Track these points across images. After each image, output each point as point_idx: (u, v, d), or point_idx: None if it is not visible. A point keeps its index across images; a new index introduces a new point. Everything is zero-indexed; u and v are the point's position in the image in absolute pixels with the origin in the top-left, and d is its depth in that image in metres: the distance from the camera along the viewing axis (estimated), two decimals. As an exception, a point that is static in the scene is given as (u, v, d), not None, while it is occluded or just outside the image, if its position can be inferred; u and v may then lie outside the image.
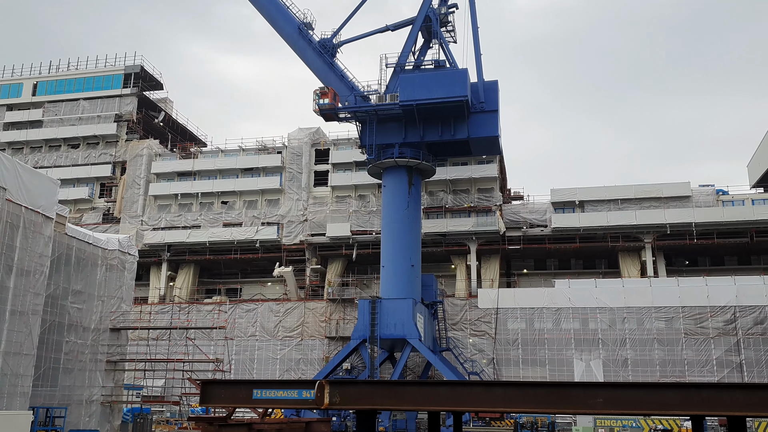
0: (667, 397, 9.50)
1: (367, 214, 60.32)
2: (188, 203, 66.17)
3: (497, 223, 56.78)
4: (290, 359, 56.80)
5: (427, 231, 56.71)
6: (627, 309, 50.80)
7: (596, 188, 58.33)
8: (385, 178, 52.07)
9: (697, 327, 49.40)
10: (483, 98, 50.05)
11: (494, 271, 58.63)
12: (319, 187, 63.71)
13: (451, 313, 54.63)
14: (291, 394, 11.12)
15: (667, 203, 55.80)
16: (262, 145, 66.41)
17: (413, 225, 50.90)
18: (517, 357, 52.10)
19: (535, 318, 52.51)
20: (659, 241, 55.55)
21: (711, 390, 9.51)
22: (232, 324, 58.10)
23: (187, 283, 64.48)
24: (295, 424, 20.58)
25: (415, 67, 52.09)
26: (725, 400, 9.34)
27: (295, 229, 61.76)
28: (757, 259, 58.41)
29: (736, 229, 53.88)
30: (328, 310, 57.52)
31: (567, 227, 56.51)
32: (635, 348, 49.98)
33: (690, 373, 48.39)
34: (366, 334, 47.78)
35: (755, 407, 9.26)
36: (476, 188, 59.66)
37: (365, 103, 50.94)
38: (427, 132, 50.47)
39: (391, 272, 49.50)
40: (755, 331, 48.36)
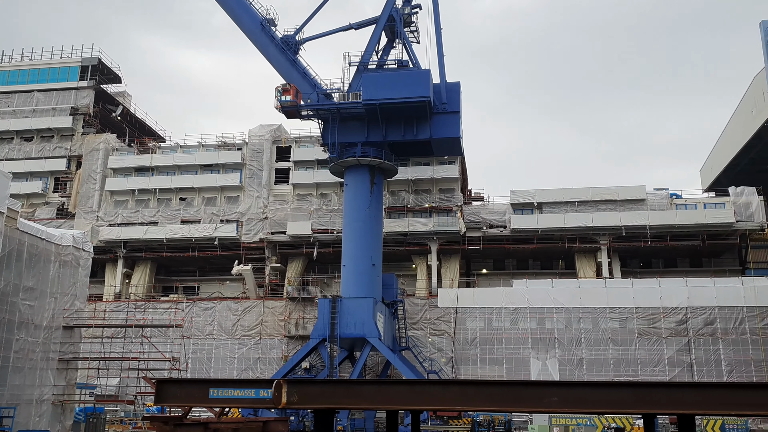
0: (619, 396, 9.69)
1: (329, 213, 60.13)
2: (145, 199, 65.00)
3: (458, 224, 57.23)
4: (248, 358, 56.28)
5: (388, 230, 56.82)
6: (582, 309, 51.74)
7: (554, 190, 59.24)
8: (347, 177, 52.00)
9: (650, 327, 50.60)
10: (445, 99, 50.38)
11: (454, 270, 59.08)
12: (280, 185, 63.24)
13: (412, 313, 54.87)
14: (248, 393, 11.00)
15: (622, 206, 56.99)
16: (222, 142, 65.62)
17: (375, 224, 50.96)
18: (475, 356, 52.60)
19: (493, 317, 53.08)
20: (614, 243, 56.71)
21: (662, 389, 9.72)
22: (189, 322, 57.28)
23: (144, 280, 63.34)
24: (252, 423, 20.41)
25: (378, 66, 52.14)
26: (676, 398, 9.56)
27: (255, 226, 61.19)
28: (708, 262, 60.09)
29: (689, 232, 55.34)
30: (287, 309, 57.17)
31: (525, 228, 57.28)
32: (590, 347, 50.94)
33: (643, 372, 49.53)
34: (326, 333, 47.66)
35: (704, 406, 9.51)
36: (438, 188, 60.02)
37: (328, 101, 50.76)
38: (389, 131, 50.58)
39: (352, 271, 49.47)
40: (705, 332, 49.75)
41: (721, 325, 49.59)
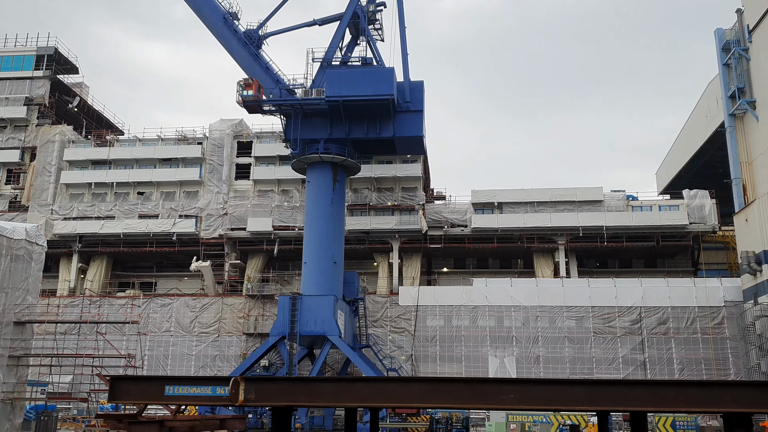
0: (574, 393, 9.87)
1: (290, 210, 59.76)
2: (102, 193, 63.65)
3: (420, 222, 57.49)
4: (206, 356, 55.63)
5: (350, 228, 56.77)
6: (540, 308, 52.53)
7: (514, 191, 59.96)
8: (309, 174, 51.77)
9: (606, 326, 51.65)
10: (409, 98, 50.54)
11: (416, 269, 59.36)
12: (241, 181, 62.60)
13: (372, 310, 54.95)
14: (205, 390, 10.90)
15: (580, 207, 57.98)
16: (182, 136, 64.63)
17: (337, 222, 50.86)
18: (434, 353, 52.96)
19: (453, 315, 53.52)
20: (572, 243, 57.70)
21: (615, 386, 9.95)
22: (146, 319, 56.43)
23: (99, 275, 62.04)
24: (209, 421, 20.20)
25: (342, 63, 52.03)
26: (628, 396, 9.79)
27: (215, 222, 60.47)
28: (662, 263, 61.59)
29: (644, 233, 56.62)
30: (246, 306, 56.67)
31: (486, 228, 57.85)
32: (547, 345, 51.75)
33: (598, 370, 50.53)
34: (285, 331, 47.41)
35: (656, 403, 9.75)
36: (400, 187, 60.19)
37: (290, 97, 50.46)
38: (352, 129, 50.51)
39: (313, 269, 49.30)
40: (658, 331, 50.99)
41: (674, 324, 50.90)
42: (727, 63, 51.47)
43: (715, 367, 49.53)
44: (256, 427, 45.75)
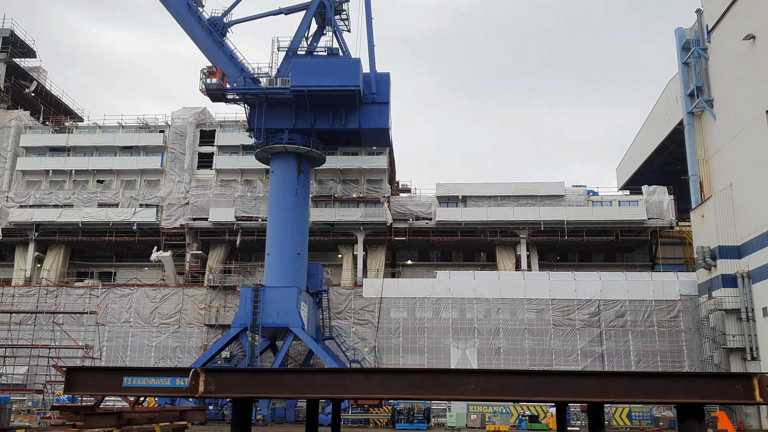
0: (533, 384, 10.01)
1: (254, 200, 59.24)
2: (60, 180, 62.18)
3: (385, 215, 57.57)
4: (166, 347, 54.94)
5: (315, 220, 56.57)
6: (502, 300, 53.17)
7: (478, 184, 60.45)
8: (273, 164, 51.37)
9: (565, 318, 52.54)
10: (375, 90, 50.44)
11: (380, 261, 59.48)
12: (203, 170, 61.78)
13: (336, 302, 54.91)
14: (164, 382, 10.76)
15: (542, 201, 58.75)
16: (144, 123, 63.46)
17: (301, 213, 50.59)
18: (398, 345, 53.22)
19: (416, 307, 53.83)
20: (534, 237, 58.47)
21: (573, 378, 10.11)
22: (105, 309, 55.51)
23: (57, 265, 60.67)
24: (168, 412, 20.01)
25: (307, 52, 51.65)
26: (586, 387, 9.97)
27: (176, 212, 59.60)
28: (620, 257, 62.86)
29: (604, 228, 57.66)
30: (208, 298, 56.10)
31: (450, 221, 58.23)
32: (508, 337, 52.44)
33: (557, 361, 51.41)
34: (247, 323, 47.10)
35: (612, 394, 9.96)
36: (366, 179, 60.16)
37: (255, 86, 49.93)
38: (318, 119, 50.24)
39: (276, 260, 49.01)
40: (616, 324, 52.07)
41: (631, 317, 52.03)
42: (687, 62, 52.58)
43: (670, 359, 50.82)
44: (217, 418, 45.44)
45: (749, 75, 45.24)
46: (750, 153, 45.13)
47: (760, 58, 44.06)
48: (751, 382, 9.37)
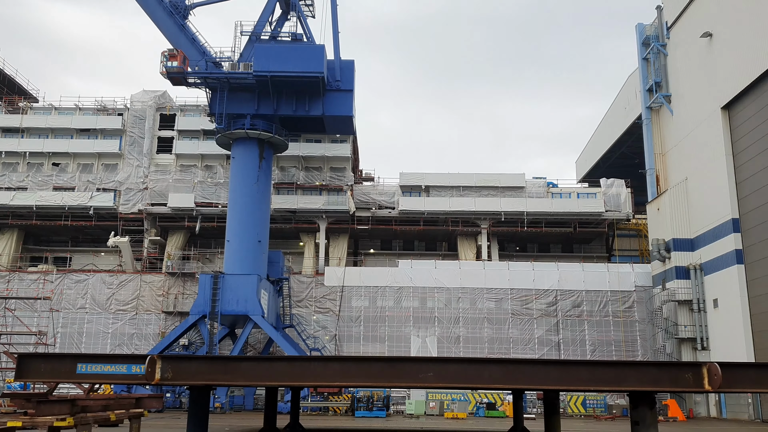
0: (491, 372, 10.14)
1: (214, 186, 58.50)
2: (14, 162, 60.37)
3: (348, 203, 57.46)
4: (123, 334, 54.06)
5: (276, 207, 56.16)
6: (462, 289, 53.70)
7: (441, 174, 60.77)
8: (234, 150, 50.76)
9: (523, 308, 53.34)
10: (339, 77, 50.16)
11: (342, 249, 59.41)
12: (163, 155, 60.70)
13: (297, 290, 54.70)
14: (119, 368, 10.55)
15: (503, 192, 59.37)
16: (102, 106, 61.95)
17: (262, 200, 50.14)
18: (358, 333, 53.36)
19: (378, 296, 54.01)
20: (494, 227, 59.11)
21: (530, 366, 10.26)
22: (59, 295, 54.31)
23: (9, 249, 59.03)
24: (124, 400, 19.68)
25: (271, 37, 51.04)
26: (542, 375, 10.12)
27: (134, 197, 58.48)
28: (578, 248, 64.01)
29: (563, 219, 58.60)
30: (166, 284, 55.31)
31: (413, 210, 58.44)
32: (467, 326, 53.03)
33: (514, 350, 52.21)
34: (206, 310, 46.63)
35: (567, 382, 10.13)
36: (329, 167, 59.90)
37: (217, 70, 49.15)
38: (281, 105, 49.77)
39: (237, 247, 48.55)
40: (572, 313, 53.09)
41: (587, 307, 53.09)
42: (647, 57, 53.59)
43: (624, 348, 52.05)
44: (174, 406, 44.98)
45: (706, 72, 46.34)
46: (705, 148, 46.31)
47: (717, 55, 45.15)
48: (700, 371, 9.64)
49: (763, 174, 40.42)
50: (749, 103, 42.08)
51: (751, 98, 41.80)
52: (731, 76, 43.19)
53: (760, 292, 40.72)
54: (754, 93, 41.46)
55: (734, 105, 43.65)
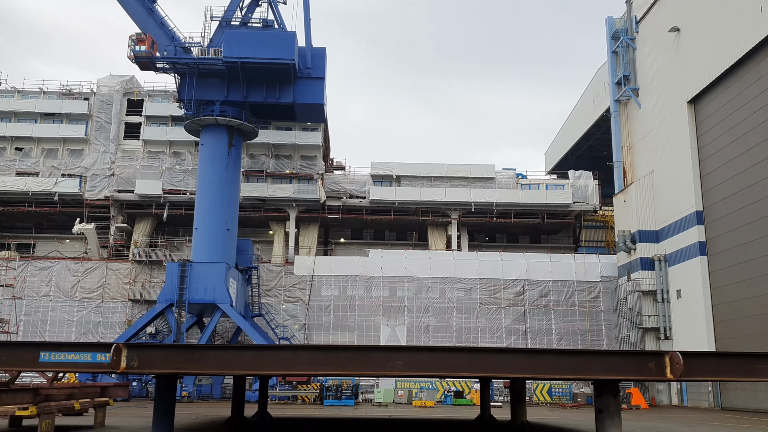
0: (458, 361, 10.20)
1: (182, 173, 57.76)
2: (-26, 146, 58.85)
3: (318, 192, 57.23)
4: (88, 322, 53.24)
5: (246, 195, 55.71)
6: (432, 279, 53.99)
7: (412, 164, 60.86)
8: (203, 136, 50.15)
9: (491, 297, 53.86)
10: (310, 64, 49.82)
11: (312, 238, 59.20)
12: (130, 140, 59.70)
13: (266, 279, 54.42)
14: (84, 357, 10.38)
15: (473, 183, 59.72)
16: (67, 90, 60.62)
17: (231, 187, 49.67)
18: (328, 323, 53.33)
19: (348, 285, 54.01)
20: (464, 218, 59.47)
21: (497, 354, 10.37)
22: (23, 282, 53.24)
23: (-31, 235, 57.64)
24: (88, 389, 19.42)
25: (242, 23, 50.40)
26: (508, 363, 10.23)
27: (100, 183, 57.47)
28: (546, 239, 64.77)
29: (531, 210, 59.19)
30: (133, 272, 54.58)
31: (384, 200, 58.46)
32: (437, 315, 53.38)
33: (483, 339, 52.72)
34: (173, 298, 46.15)
35: (533, 370, 10.26)
36: (299, 155, 59.54)
37: (186, 55, 48.43)
38: (251, 92, 49.28)
39: (205, 235, 48.07)
40: (539, 303, 53.77)
41: (554, 297, 53.82)
42: (616, 51, 54.18)
43: (589, 337, 52.92)
44: (141, 395, 44.53)
45: (673, 66, 47.06)
46: (671, 142, 47.10)
47: (684, 50, 45.87)
48: (663, 360, 9.83)
49: (726, 167, 41.29)
50: (714, 98, 42.88)
51: (717, 93, 42.60)
52: (697, 70, 43.93)
53: (721, 283, 41.70)
54: (720, 88, 42.25)
55: (700, 99, 44.44)
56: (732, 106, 40.88)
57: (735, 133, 40.43)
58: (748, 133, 39.13)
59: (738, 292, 39.83)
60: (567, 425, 20.94)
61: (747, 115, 39.27)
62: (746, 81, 39.57)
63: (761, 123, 37.95)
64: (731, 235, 40.65)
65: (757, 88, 38.45)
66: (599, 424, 10.91)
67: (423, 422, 22.49)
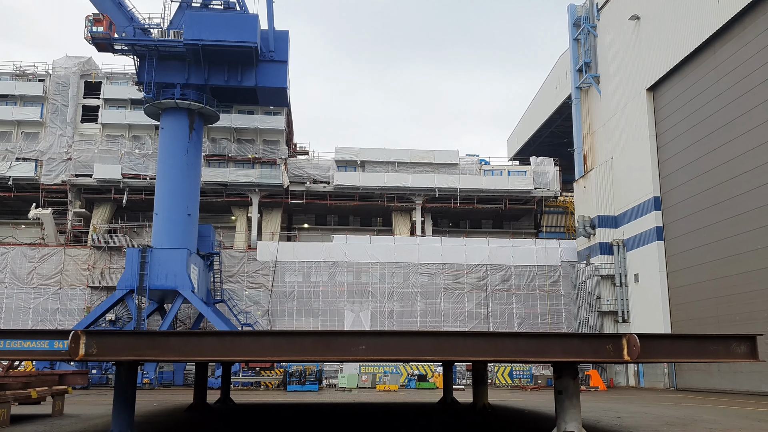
0: (421, 345, 10.28)
1: (142, 157, 56.71)
2: None
3: (281, 177, 56.83)
4: (46, 309, 52.14)
5: (207, 180, 55.00)
6: (396, 264, 54.24)
7: (377, 150, 60.82)
8: (163, 120, 49.27)
9: (455, 282, 54.37)
10: (273, 47, 49.24)
11: (276, 224, 58.82)
12: (88, 124, 58.27)
13: (229, 265, 53.94)
14: (41, 344, 10.17)
15: (437, 169, 60.01)
16: (21, 71, 58.77)
17: (192, 172, 48.98)
18: (292, 309, 53.18)
19: (312, 271, 53.89)
20: (428, 204, 59.76)
21: (459, 338, 10.47)
22: (-25, 269, 51.76)
23: None
24: (46, 377, 19.04)
25: (203, 5, 49.48)
26: (470, 347, 10.34)
27: (57, 167, 56.08)
28: (508, 224, 65.51)
29: (494, 196, 59.77)
30: (91, 258, 53.54)
31: (348, 185, 58.33)
32: (401, 300, 53.69)
33: (446, 323, 53.26)
34: (134, 285, 45.49)
35: (494, 353, 10.40)
36: (262, 139, 58.93)
37: (145, 37, 47.39)
38: (212, 75, 48.55)
39: (165, 220, 47.38)
40: (501, 287, 54.49)
41: (516, 281, 54.59)
42: (577, 38, 54.78)
43: (549, 321, 53.89)
44: (101, 383, 43.90)
45: (633, 54, 47.82)
46: (630, 129, 47.97)
47: (643, 38, 46.62)
48: (620, 342, 10.06)
49: (683, 154, 42.25)
50: (672, 86, 43.75)
51: (675, 81, 43.47)
52: (656, 58, 44.73)
53: (677, 267, 42.80)
54: (678, 76, 43.11)
55: (658, 87, 45.29)
56: (689, 94, 41.79)
57: (692, 121, 41.36)
58: (704, 120, 40.08)
59: (693, 276, 40.96)
60: (527, 407, 21.34)
61: (703, 102, 40.19)
62: (703, 69, 40.46)
63: (717, 111, 38.89)
64: (687, 221, 41.71)
65: (714, 77, 39.36)
66: (559, 406, 11.13)
67: (386, 406, 22.66)
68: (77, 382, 22.33)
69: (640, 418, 17.68)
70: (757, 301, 34.85)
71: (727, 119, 37.92)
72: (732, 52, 37.84)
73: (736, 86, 37.24)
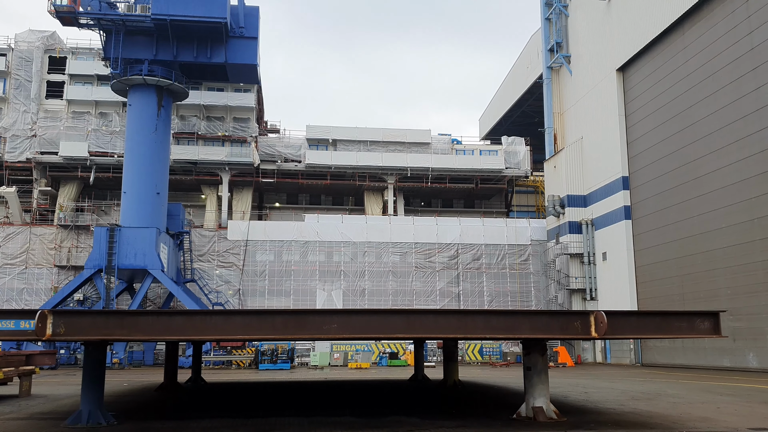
0: (393, 323, 10.36)
1: (109, 135, 55.66)
2: None
3: (252, 155, 56.29)
4: (11, 289, 51.22)
5: (176, 158, 54.24)
6: (368, 243, 54.30)
7: (348, 128, 60.53)
8: (131, 97, 48.32)
9: (426, 261, 54.68)
10: (243, 23, 48.46)
11: (246, 203, 58.37)
12: (53, 100, 56.92)
13: (199, 245, 53.47)
14: (6, 324, 10.02)
15: (409, 148, 60.01)
16: (-19, 45, 57.10)
17: (161, 150, 48.24)
18: (263, 288, 53.01)
19: (284, 250, 53.70)
20: (400, 183, 59.80)
21: (430, 316, 10.57)
22: (-63, 249, 50.55)
23: None
24: (13, 357, 18.80)
25: (171, -21, 48.36)
26: (441, 324, 10.45)
27: (21, 144, 54.77)
28: (479, 204, 65.96)
29: (465, 175, 60.03)
30: (58, 237, 52.62)
31: (320, 164, 58.05)
32: (373, 279, 53.86)
33: (417, 302, 53.62)
34: (102, 264, 44.88)
35: (464, 330, 10.52)
36: (232, 117, 58.20)
37: (112, 11, 46.22)
38: (181, 51, 47.64)
39: (134, 199, 46.69)
40: (472, 266, 54.95)
41: (486, 260, 55.08)
42: (549, 17, 54.90)
43: (519, 299, 54.58)
44: (69, 363, 43.41)
45: (603, 34, 48.12)
46: (599, 109, 48.41)
47: (614, 19, 46.91)
48: (588, 319, 10.24)
49: (651, 134, 42.83)
50: (641, 66, 44.18)
51: (644, 62, 43.89)
52: (626, 39, 45.08)
53: (644, 245, 43.59)
54: (647, 57, 43.53)
55: (628, 68, 45.71)
56: (658, 75, 42.26)
57: (660, 101, 41.89)
58: (672, 101, 40.61)
59: (659, 254, 41.77)
60: (497, 383, 21.67)
61: (672, 83, 40.69)
62: (672, 50, 40.90)
63: (684, 92, 39.42)
64: (654, 200, 42.41)
65: (682, 58, 39.83)
66: (527, 381, 11.32)
67: (358, 384, 22.82)
68: (45, 363, 22.09)
69: (607, 393, 18.08)
70: (720, 279, 35.72)
71: (694, 100, 38.48)
72: (700, 34, 38.30)
73: (704, 67, 37.76)
